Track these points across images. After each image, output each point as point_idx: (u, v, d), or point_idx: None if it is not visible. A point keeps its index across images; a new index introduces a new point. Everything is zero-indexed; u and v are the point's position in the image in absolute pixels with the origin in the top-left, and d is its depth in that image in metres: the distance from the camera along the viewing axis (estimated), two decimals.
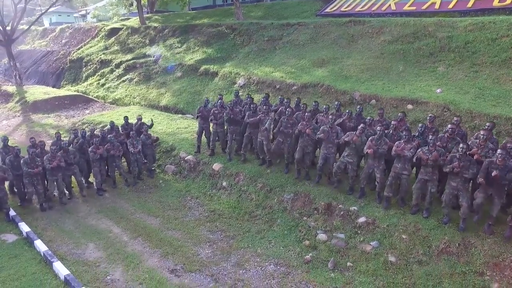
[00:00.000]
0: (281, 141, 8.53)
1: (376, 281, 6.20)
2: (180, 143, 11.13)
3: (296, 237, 7.35)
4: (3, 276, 6.37)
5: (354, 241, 6.94)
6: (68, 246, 7.34)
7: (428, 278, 6.01)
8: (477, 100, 11.00)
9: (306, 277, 6.37)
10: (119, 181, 10.05)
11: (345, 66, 14.34)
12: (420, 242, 6.47)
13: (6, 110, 18.22)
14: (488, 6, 15.73)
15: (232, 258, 6.93)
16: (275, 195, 8.30)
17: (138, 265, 6.74)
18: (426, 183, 6.66)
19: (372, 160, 7.19)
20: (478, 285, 5.71)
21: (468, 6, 16.08)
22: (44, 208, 8.72)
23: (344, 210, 7.39)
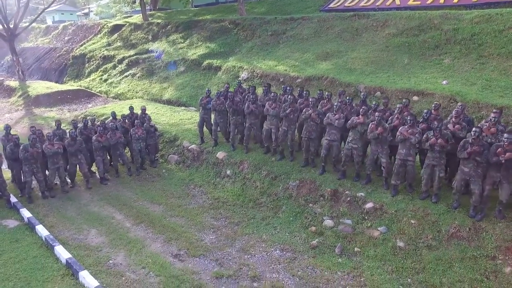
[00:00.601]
0: (286, 129, 8.39)
1: (384, 265, 6.06)
2: (183, 133, 11.03)
3: (302, 224, 7.22)
4: (4, 259, 6.26)
5: (361, 227, 6.80)
6: (70, 231, 7.23)
7: (438, 263, 5.86)
8: (484, 91, 10.85)
9: (312, 262, 6.23)
10: (121, 171, 9.94)
11: (350, 59, 14.22)
12: (430, 227, 6.33)
13: (9, 104, 18.18)
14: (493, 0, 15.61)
15: (236, 243, 6.81)
16: (280, 183, 8.18)
17: (141, 250, 6.63)
18: (434, 168, 6.52)
19: (376, 145, 7.07)
20: (490, 269, 5.57)
21: (474, 0, 15.96)
22: (46, 196, 8.62)
23: (351, 196, 7.27)
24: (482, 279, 5.49)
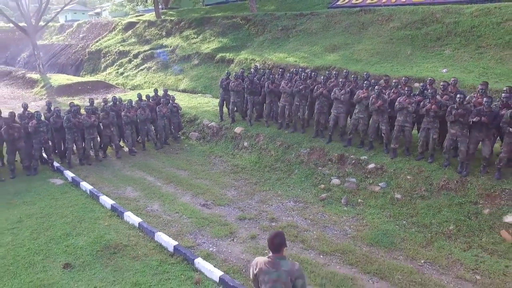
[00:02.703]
0: (298, 104, 9.64)
1: (383, 212, 7.24)
2: (202, 114, 12.32)
3: (312, 183, 8.43)
4: (60, 204, 7.55)
5: (364, 184, 8.00)
6: (109, 188, 8.50)
7: (429, 209, 7.03)
8: (481, 78, 11.97)
9: (322, 210, 7.43)
10: (147, 146, 11.21)
11: (356, 50, 15.44)
12: (423, 181, 7.50)
13: (33, 94, 19.65)
14: None
15: (255, 197, 8.03)
16: (292, 151, 9.41)
17: (173, 201, 7.87)
18: (429, 131, 7.71)
19: (376, 115, 8.27)
20: (472, 211, 6.71)
21: None
22: (83, 163, 9.92)
23: (355, 159, 8.47)
24: (465, 219, 6.64)
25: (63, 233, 6.44)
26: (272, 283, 3.15)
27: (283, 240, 3.23)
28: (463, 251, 6.09)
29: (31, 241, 6.22)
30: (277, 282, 3.14)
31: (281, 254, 3.21)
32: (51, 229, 6.58)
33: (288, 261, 3.23)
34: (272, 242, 3.21)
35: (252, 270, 3.30)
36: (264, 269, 3.20)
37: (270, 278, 3.16)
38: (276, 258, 3.21)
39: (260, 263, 3.24)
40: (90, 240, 6.18)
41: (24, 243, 6.15)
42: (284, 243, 3.22)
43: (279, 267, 3.17)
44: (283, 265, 3.17)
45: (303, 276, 3.22)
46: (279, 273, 3.15)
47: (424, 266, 5.78)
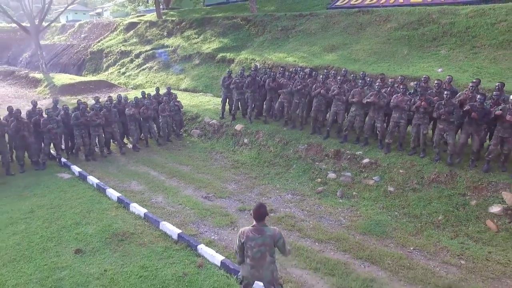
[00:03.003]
0: (297, 101, 10.06)
1: (377, 204, 7.66)
2: (204, 112, 12.75)
3: (309, 177, 8.85)
4: (68, 196, 7.98)
5: (359, 178, 8.42)
6: (114, 182, 8.92)
7: (420, 201, 7.45)
8: (475, 77, 12.35)
9: (318, 202, 7.85)
10: (150, 143, 11.64)
11: (354, 50, 15.87)
12: (415, 174, 7.92)
13: (36, 93, 20.09)
14: None
15: (255, 190, 8.45)
16: (291, 147, 9.83)
17: (176, 193, 8.29)
18: (419, 126, 8.13)
19: (373, 112, 8.69)
20: (460, 202, 7.13)
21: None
22: (89, 159, 10.34)
23: (351, 155, 8.89)
24: (453, 210, 7.06)
25: (73, 222, 6.86)
26: (258, 247, 3.86)
27: (266, 211, 3.93)
28: (450, 239, 6.50)
29: (43, 229, 6.65)
30: (262, 246, 3.86)
31: (263, 222, 3.88)
32: (61, 218, 7.01)
33: (270, 228, 3.91)
34: (257, 213, 3.89)
35: (239, 239, 3.95)
36: (251, 236, 3.86)
37: (256, 243, 3.86)
38: (260, 226, 3.88)
39: (246, 232, 3.92)
40: (98, 229, 6.60)
41: (37, 231, 6.57)
42: (266, 213, 3.91)
43: (263, 233, 3.86)
44: (267, 231, 3.88)
45: (282, 237, 3.96)
46: (264, 238, 3.86)
47: (413, 252, 6.20)
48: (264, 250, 3.88)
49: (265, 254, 3.91)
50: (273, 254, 3.99)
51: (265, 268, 3.96)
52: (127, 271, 5.47)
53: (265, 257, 3.91)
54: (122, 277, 5.33)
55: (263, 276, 4.01)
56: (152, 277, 5.32)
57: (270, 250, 3.92)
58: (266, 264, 3.95)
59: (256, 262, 3.94)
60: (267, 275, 4.00)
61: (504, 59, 12.81)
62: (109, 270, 5.49)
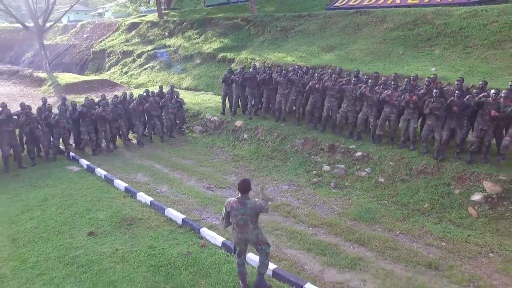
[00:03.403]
0: (294, 98, 10.67)
1: (368, 194, 8.25)
2: (205, 109, 13.36)
3: (305, 169, 9.45)
4: (79, 186, 8.58)
5: (352, 170, 9.01)
6: (121, 174, 9.52)
7: (408, 190, 8.04)
8: (466, 76, 12.97)
9: (313, 192, 8.45)
10: (154, 138, 12.25)
11: (351, 50, 16.48)
12: (404, 166, 8.51)
13: (41, 92, 20.70)
14: None
15: (254, 181, 9.01)
16: (288, 141, 10.43)
17: (180, 184, 8.89)
18: (409, 121, 8.72)
19: (366, 107, 9.29)
20: (445, 192, 7.72)
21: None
22: (95, 153, 10.94)
23: (345, 148, 9.49)
24: (438, 198, 7.65)
25: (84, 209, 7.46)
26: (241, 216, 4.63)
27: (249, 185, 4.66)
28: (434, 224, 7.09)
29: (57, 215, 7.25)
30: (244, 215, 4.62)
31: (247, 195, 4.65)
32: (73, 206, 7.61)
33: (252, 200, 4.67)
34: (242, 186, 4.66)
35: (225, 208, 4.79)
36: (235, 207, 4.66)
37: (239, 212, 4.63)
38: (243, 198, 4.63)
39: (231, 203, 4.71)
40: (109, 214, 7.20)
41: (52, 217, 7.18)
42: (249, 187, 4.67)
43: (246, 205, 4.62)
44: (248, 203, 4.62)
45: (262, 205, 4.68)
46: (246, 209, 4.61)
47: (399, 236, 6.79)
48: (246, 219, 4.64)
49: (247, 222, 4.66)
50: (254, 222, 4.73)
51: (249, 233, 4.73)
52: (137, 250, 6.07)
53: (247, 224, 4.68)
54: (132, 255, 5.92)
55: (249, 239, 4.77)
56: (159, 255, 5.91)
57: (251, 219, 4.66)
58: (250, 230, 4.71)
59: (241, 228, 4.72)
60: (252, 238, 4.76)
61: (495, 59, 13.40)
62: (120, 250, 6.08)
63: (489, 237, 6.60)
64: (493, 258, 6.04)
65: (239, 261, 5.01)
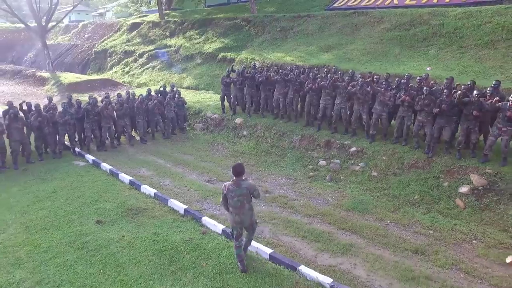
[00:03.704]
0: (291, 97, 11.13)
1: (361, 187, 8.71)
2: (206, 107, 13.84)
3: (302, 164, 9.91)
4: (85, 179, 9.05)
5: (347, 164, 9.47)
6: (125, 168, 9.98)
7: (400, 183, 8.49)
8: (460, 75, 13.44)
9: (309, 185, 8.91)
10: (156, 135, 12.72)
11: (348, 50, 16.94)
12: (396, 161, 8.97)
13: (44, 91, 21.20)
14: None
15: (253, 175, 9.50)
16: (286, 138, 10.90)
17: (182, 178, 9.36)
18: (404, 118, 9.18)
19: (358, 105, 9.75)
20: (434, 184, 8.17)
21: (463, 0, 18.55)
22: (100, 150, 11.42)
23: (340, 144, 9.95)
24: (428, 190, 8.10)
25: (92, 200, 7.93)
26: (237, 197, 5.19)
27: (243, 169, 5.29)
28: (423, 214, 7.55)
29: (66, 205, 7.72)
30: (240, 196, 5.19)
31: (241, 177, 5.23)
32: (81, 197, 8.08)
33: (246, 181, 5.24)
34: (236, 170, 5.25)
35: (223, 191, 5.38)
36: (231, 188, 5.24)
37: (235, 193, 5.19)
38: (238, 180, 5.20)
39: (227, 185, 5.31)
40: (115, 205, 7.67)
41: (61, 207, 7.64)
42: (243, 170, 5.28)
43: (240, 185, 5.20)
44: (243, 184, 5.20)
45: (256, 188, 5.29)
46: (241, 189, 5.19)
47: (389, 225, 7.24)
48: (242, 199, 5.21)
49: (244, 203, 5.22)
50: (249, 202, 5.31)
51: (244, 214, 5.27)
52: (142, 236, 6.53)
53: (244, 205, 5.23)
54: (138, 241, 6.38)
55: (244, 221, 5.32)
56: (163, 241, 6.37)
57: (247, 199, 5.24)
58: (245, 210, 5.26)
59: (237, 210, 5.26)
60: (246, 220, 5.33)
61: (488, 59, 13.86)
62: (126, 236, 6.55)
63: (473, 226, 7.05)
64: (476, 245, 6.49)
65: (236, 244, 5.49)
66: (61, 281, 5.43)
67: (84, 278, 5.49)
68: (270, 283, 5.32)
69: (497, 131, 7.92)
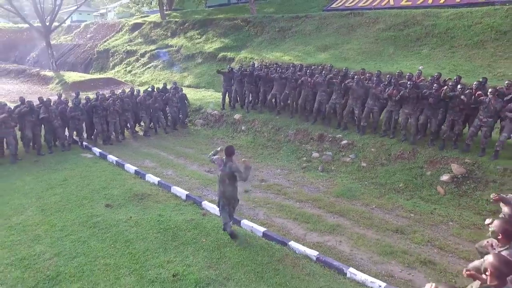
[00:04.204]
0: (287, 93, 11.88)
1: (351, 176, 9.43)
2: (207, 104, 14.60)
3: (296, 156, 10.64)
4: (93, 169, 9.80)
5: (338, 156, 10.20)
6: (130, 160, 10.72)
7: (386, 173, 9.22)
8: (451, 73, 14.11)
9: (302, 175, 9.64)
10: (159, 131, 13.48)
11: (344, 50, 17.68)
12: (384, 152, 9.69)
13: (49, 90, 21.98)
14: (474, 1, 18.91)
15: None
16: (282, 132, 11.63)
17: (184, 169, 10.10)
18: (392, 112, 9.90)
19: (352, 100, 10.48)
20: (418, 173, 8.89)
21: (457, 1, 19.27)
22: (106, 143, 12.16)
23: (332, 137, 10.68)
24: (412, 179, 8.82)
25: (101, 187, 8.67)
26: (222, 172, 6.15)
27: (234, 150, 6.20)
28: (406, 200, 8.27)
29: (77, 191, 8.46)
30: (224, 175, 6.13)
31: (231, 158, 6.09)
32: (91, 184, 8.82)
33: (232, 163, 6.03)
34: (228, 151, 6.11)
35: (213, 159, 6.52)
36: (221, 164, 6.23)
37: (221, 170, 6.15)
38: (227, 161, 6.08)
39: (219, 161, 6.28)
40: (122, 191, 8.41)
41: (72, 193, 8.38)
42: (234, 152, 6.18)
43: (226, 165, 6.09)
44: (228, 165, 6.06)
45: (238, 169, 6.00)
46: (225, 169, 6.09)
47: (374, 209, 7.96)
48: (225, 177, 6.14)
49: (225, 180, 6.16)
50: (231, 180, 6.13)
51: (225, 187, 6.20)
52: (147, 217, 7.26)
53: (225, 180, 6.17)
54: (144, 221, 7.11)
55: (226, 191, 6.21)
56: (167, 221, 7.10)
57: (229, 178, 6.12)
58: (226, 185, 6.18)
59: (221, 184, 6.23)
60: (228, 191, 6.23)
61: (478, 58, 14.59)
62: (133, 217, 7.28)
63: (451, 210, 7.77)
64: (452, 225, 7.21)
65: (222, 212, 6.37)
66: (77, 253, 6.16)
67: (97, 251, 6.22)
68: (262, 255, 6.05)
69: (478, 123, 8.64)
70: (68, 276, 5.60)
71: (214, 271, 5.65)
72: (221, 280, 5.48)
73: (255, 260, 5.91)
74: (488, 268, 2.92)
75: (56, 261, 5.97)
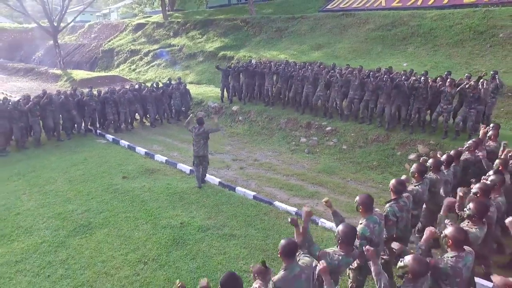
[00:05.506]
0: (280, 86, 13.60)
1: (332, 157, 11.12)
2: (207, 98, 16.32)
3: (286, 141, 12.34)
4: (109, 151, 11.53)
5: (323, 141, 11.89)
6: (140, 145, 12.43)
7: (363, 153, 10.90)
8: (431, 70, 15.79)
9: (290, 156, 11.33)
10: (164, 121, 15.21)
11: (336, 49, 19.39)
12: (362, 136, 11.38)
13: (58, 87, 23.73)
14: (459, 2, 20.59)
15: (245, 149, 11.94)
16: (274, 121, 13.34)
17: (187, 151, 11.80)
18: (368, 102, 11.60)
19: (333, 92, 12.19)
20: (389, 154, 10.57)
21: (444, 3, 20.96)
22: (117, 132, 13.89)
23: (318, 125, 12.38)
24: (384, 158, 10.50)
25: (117, 164, 10.39)
26: (197, 135, 8.55)
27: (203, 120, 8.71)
28: (378, 175, 9.93)
29: (97, 167, 10.18)
30: (199, 135, 8.60)
31: (203, 126, 8.55)
32: (108, 162, 10.54)
33: (205, 126, 8.20)
34: (199, 121, 8.58)
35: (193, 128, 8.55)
36: (195, 130, 8.55)
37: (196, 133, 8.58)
38: (199, 127, 8.49)
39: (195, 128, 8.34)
40: (135, 167, 10.12)
41: (93, 168, 10.10)
42: (203, 122, 8.71)
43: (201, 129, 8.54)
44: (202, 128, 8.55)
45: (211, 128, 8.83)
46: (200, 130, 8.54)
47: (349, 181, 9.63)
48: (200, 138, 8.56)
49: (200, 140, 8.56)
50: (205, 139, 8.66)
51: (201, 147, 8.58)
52: (158, 185, 8.97)
53: (200, 140, 8.56)
54: (155, 188, 8.82)
55: (199, 151, 8.61)
56: (175, 187, 8.80)
57: (203, 138, 8.58)
58: (201, 145, 8.58)
59: (196, 144, 8.59)
60: (201, 151, 8.64)
61: (457, 56, 16.28)
62: (146, 185, 8.98)
63: None
64: None
65: (196, 169, 8.51)
66: (102, 209, 7.87)
67: (118, 208, 7.92)
68: (252, 210, 7.74)
69: (440, 109, 10.32)
70: (98, 224, 7.30)
71: (213, 221, 7.34)
72: (218, 226, 7.16)
73: (246, 213, 7.60)
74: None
75: (87, 215, 7.67)
